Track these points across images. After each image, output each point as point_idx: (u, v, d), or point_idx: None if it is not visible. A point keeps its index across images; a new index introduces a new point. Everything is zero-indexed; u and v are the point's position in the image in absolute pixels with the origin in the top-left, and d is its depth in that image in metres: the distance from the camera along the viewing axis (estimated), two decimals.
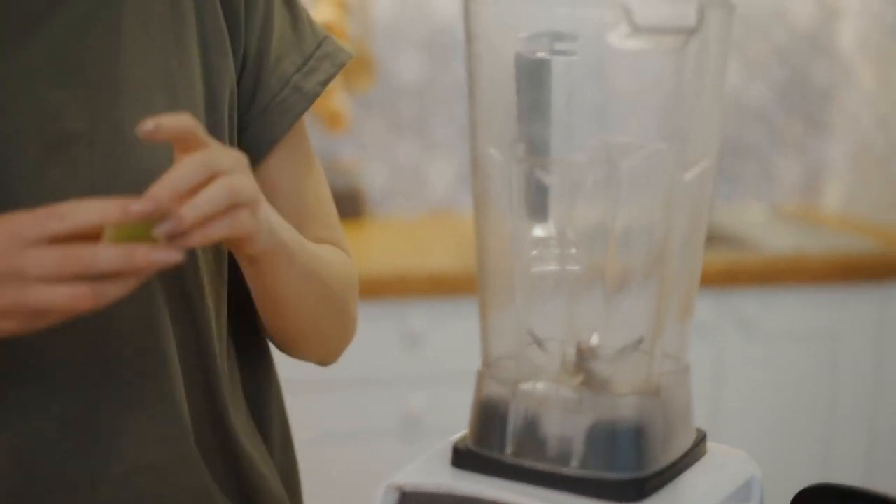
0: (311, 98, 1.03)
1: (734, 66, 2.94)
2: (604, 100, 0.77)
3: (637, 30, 0.68)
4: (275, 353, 1.08)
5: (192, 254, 0.94)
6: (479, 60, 0.76)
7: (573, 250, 0.80)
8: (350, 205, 2.61)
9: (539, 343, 0.80)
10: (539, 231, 0.80)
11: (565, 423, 0.75)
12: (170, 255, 0.78)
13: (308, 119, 1.12)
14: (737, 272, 2.47)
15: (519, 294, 0.79)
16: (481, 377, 0.79)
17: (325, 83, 1.04)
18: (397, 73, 2.71)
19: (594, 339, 0.79)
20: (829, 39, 3.00)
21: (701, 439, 0.81)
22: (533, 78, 0.77)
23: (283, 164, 1.04)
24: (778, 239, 2.67)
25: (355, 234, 2.54)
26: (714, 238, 2.70)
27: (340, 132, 2.61)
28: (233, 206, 0.81)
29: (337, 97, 2.54)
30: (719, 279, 2.45)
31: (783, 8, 2.96)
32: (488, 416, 0.77)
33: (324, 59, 1.05)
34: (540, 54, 0.77)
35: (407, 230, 2.63)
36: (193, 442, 0.96)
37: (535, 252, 0.80)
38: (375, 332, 2.26)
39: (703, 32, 0.72)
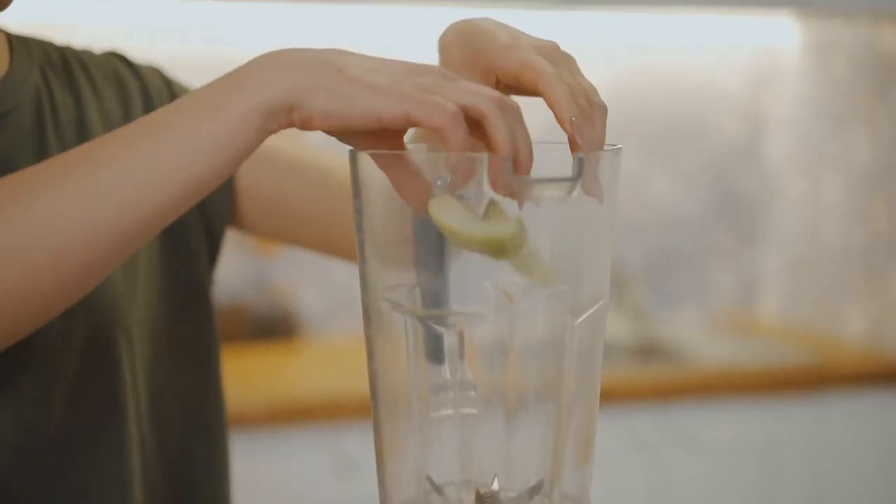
0: None
1: (666, 180, 2.99)
2: None
3: (517, 182, 0.69)
4: None
5: None
6: (369, 210, 0.77)
7: (471, 393, 0.80)
8: (283, 327, 2.59)
9: (438, 490, 0.79)
10: (436, 375, 0.80)
11: None
12: None
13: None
14: (674, 387, 2.47)
15: (417, 440, 0.79)
16: None
17: None
18: None
19: (494, 484, 0.79)
20: (757, 151, 3.06)
21: None
22: (429, 223, 0.78)
23: None
24: (715, 350, 2.68)
25: (288, 357, 2.52)
26: (651, 351, 2.71)
27: (274, 254, 2.61)
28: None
29: None
30: (657, 394, 2.45)
31: (712, 121, 3.01)
32: None
33: None
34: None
35: (342, 352, 2.62)
36: None
37: (432, 396, 0.80)
38: (308, 458, 2.23)
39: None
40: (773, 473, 2.54)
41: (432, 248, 0.76)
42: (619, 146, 0.77)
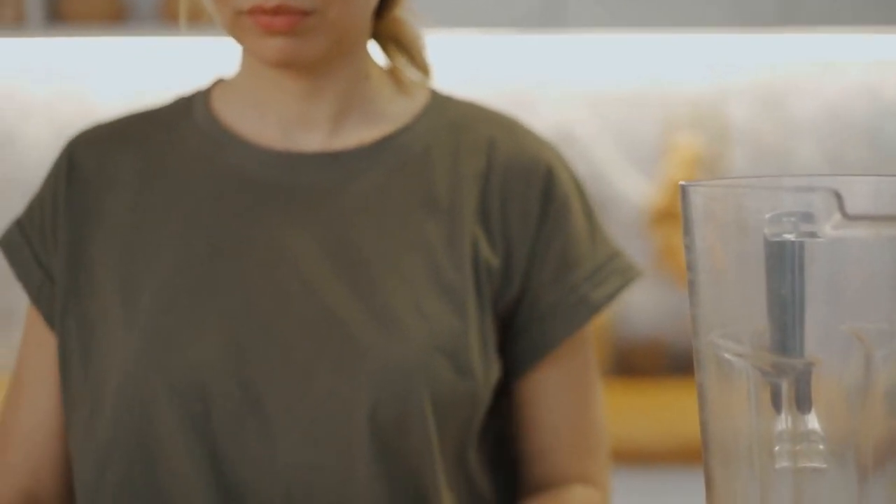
0: (595, 309, 1.01)
1: None
2: (844, 286, 0.72)
3: (850, 219, 0.63)
4: None
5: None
6: (703, 248, 0.73)
7: (820, 446, 0.74)
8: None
9: None
10: (780, 425, 0.74)
11: None
12: None
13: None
14: None
15: (755, 496, 0.74)
16: None
17: (612, 296, 1.02)
18: None
19: None
20: None
21: None
22: (777, 263, 0.73)
23: (550, 379, 1.02)
24: None
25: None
26: None
27: None
28: None
29: None
30: None
31: None
32: None
33: (614, 273, 1.03)
34: (787, 236, 0.73)
35: None
36: None
37: (776, 448, 0.74)
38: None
39: None
40: None
41: (786, 286, 0.71)
42: None
